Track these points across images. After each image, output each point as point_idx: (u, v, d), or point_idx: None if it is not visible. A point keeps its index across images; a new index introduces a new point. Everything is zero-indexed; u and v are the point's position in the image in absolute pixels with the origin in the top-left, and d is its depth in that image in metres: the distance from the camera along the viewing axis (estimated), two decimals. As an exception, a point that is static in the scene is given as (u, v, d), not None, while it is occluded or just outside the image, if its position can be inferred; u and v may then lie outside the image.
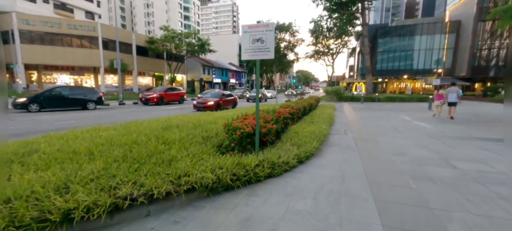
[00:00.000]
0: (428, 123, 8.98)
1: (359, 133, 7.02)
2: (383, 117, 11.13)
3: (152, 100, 18.23)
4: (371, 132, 7.23)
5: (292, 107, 7.92)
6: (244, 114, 5.77)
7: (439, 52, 38.03)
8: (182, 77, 47.31)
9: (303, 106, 9.33)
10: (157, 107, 16.88)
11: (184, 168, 2.86)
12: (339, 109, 15.26)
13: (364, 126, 8.35)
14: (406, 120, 9.86)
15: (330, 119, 9.17)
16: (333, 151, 4.93)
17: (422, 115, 11.97)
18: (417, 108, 16.26)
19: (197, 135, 4.49)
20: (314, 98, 14.72)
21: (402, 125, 8.49)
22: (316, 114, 10.09)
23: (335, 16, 31.11)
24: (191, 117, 6.93)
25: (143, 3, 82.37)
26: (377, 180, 3.38)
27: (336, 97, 25.10)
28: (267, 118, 5.14)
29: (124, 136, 4.09)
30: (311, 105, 11.38)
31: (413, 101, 23.16)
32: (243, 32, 3.77)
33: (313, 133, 5.75)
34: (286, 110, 7.22)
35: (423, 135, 6.73)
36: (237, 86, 62.48)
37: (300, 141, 4.98)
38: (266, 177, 3.33)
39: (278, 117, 5.91)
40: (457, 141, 5.95)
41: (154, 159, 3.06)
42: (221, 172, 2.88)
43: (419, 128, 7.86)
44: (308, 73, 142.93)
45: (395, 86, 43.13)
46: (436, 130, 7.57)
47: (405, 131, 7.29)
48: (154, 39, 35.15)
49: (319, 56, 48.99)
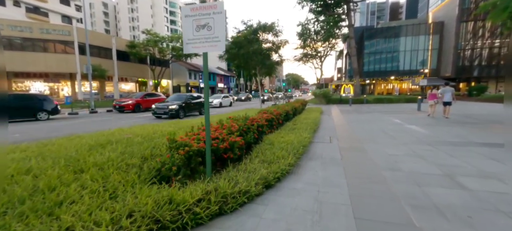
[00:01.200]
0: (420, 126, 8.27)
1: (346, 140, 6.15)
2: (372, 120, 10.40)
3: (127, 107, 16.83)
4: (359, 138, 6.38)
5: (271, 112, 7.00)
6: (217, 121, 4.79)
7: (424, 53, 38.47)
8: (167, 83, 45.79)
9: (285, 111, 8.44)
10: (132, 115, 15.54)
11: (69, 220, 1.82)
12: (327, 112, 14.52)
13: (352, 131, 7.52)
14: (397, 123, 9.14)
15: (315, 124, 8.31)
16: (313, 167, 4.00)
17: (413, 116, 11.35)
18: (406, 109, 15.77)
19: (135, 154, 3.44)
20: (300, 101, 13.91)
21: (393, 129, 7.72)
22: (301, 119, 9.23)
23: (322, 19, 30.78)
24: (147, 128, 5.86)
25: (127, 7, 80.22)
26: (367, 214, 2.46)
27: (325, 100, 24.51)
28: (233, 128, 4.17)
29: (20, 162, 2.99)
30: (295, 109, 10.52)
31: (402, 102, 22.86)
32: (184, 17, 2.79)
33: (291, 144, 4.82)
34: (263, 116, 6.29)
35: (417, 141, 5.94)
36: (225, 90, 61.43)
37: (273, 155, 4.03)
38: (212, 216, 2.35)
39: (250, 126, 4.95)
40: (456, 148, 5.18)
41: (30, 204, 2.01)
42: (129, 222, 1.87)
43: (412, 133, 7.10)
44: (297, 76, 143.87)
45: (383, 87, 43.30)
46: (431, 134, 6.83)
47: (397, 137, 6.50)
48: (135, 43, 33.65)
49: (307, 59, 48.69)
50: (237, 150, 3.68)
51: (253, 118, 5.58)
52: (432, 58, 38.01)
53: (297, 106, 11.09)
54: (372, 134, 6.94)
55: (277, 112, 7.30)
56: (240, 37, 14.14)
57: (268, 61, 14.81)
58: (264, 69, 15.49)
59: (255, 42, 13.68)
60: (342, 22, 29.80)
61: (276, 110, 7.64)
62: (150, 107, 18.36)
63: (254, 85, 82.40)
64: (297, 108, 10.94)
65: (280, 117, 7.50)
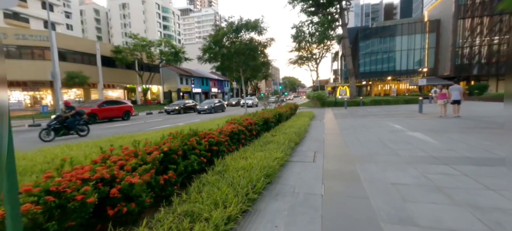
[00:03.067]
0: (426, 134, 6.83)
1: (334, 159, 4.68)
2: (369, 126, 8.96)
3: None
4: (352, 154, 4.91)
5: (240, 122, 5.52)
6: (145, 140, 3.32)
7: (421, 52, 37.38)
8: (158, 88, 44.29)
9: (263, 119, 6.96)
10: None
11: None
12: (319, 117, 13.09)
13: (344, 143, 6.05)
14: (398, 130, 7.69)
15: (300, 134, 6.85)
16: (273, 218, 2.51)
17: (415, 120, 9.92)
18: (405, 111, 14.38)
19: None
20: (289, 106, 12.46)
21: (394, 139, 6.27)
22: (284, 127, 7.76)
23: (316, 21, 29.84)
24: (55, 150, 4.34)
25: (119, 13, 78.97)
26: None
27: (319, 103, 23.13)
28: (152, 156, 2.67)
29: None
30: (279, 116, 9.05)
31: (400, 103, 21.53)
32: None
33: (253, 170, 3.32)
34: (228, 128, 4.82)
35: (428, 157, 4.48)
36: (220, 95, 60.03)
37: (212, 198, 2.54)
38: None
39: (196, 145, 3.47)
40: (485, 169, 3.71)
41: None
42: None
43: (418, 144, 5.65)
44: (294, 80, 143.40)
45: (379, 89, 42.10)
46: (442, 146, 5.38)
47: (400, 151, 5.03)
48: (120, 49, 32.17)
49: (303, 62, 47.54)
50: (137, 198, 2.17)
51: (207, 132, 4.09)
52: (429, 57, 36.91)
53: (282, 111, 9.62)
54: (368, 148, 5.48)
55: (248, 121, 5.81)
56: (219, 35, 12.67)
57: (253, 62, 13.33)
58: (249, 71, 14.00)
59: (236, 41, 12.24)
60: (336, 22, 28.68)
61: (249, 118, 6.16)
62: (110, 116, 16.23)
63: (250, 89, 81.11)
64: (282, 114, 9.48)
65: (254, 128, 6.02)
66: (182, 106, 23.27)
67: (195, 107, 24.52)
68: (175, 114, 22.22)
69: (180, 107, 22.92)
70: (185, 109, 23.60)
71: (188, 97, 45.72)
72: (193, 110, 24.32)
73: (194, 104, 25.30)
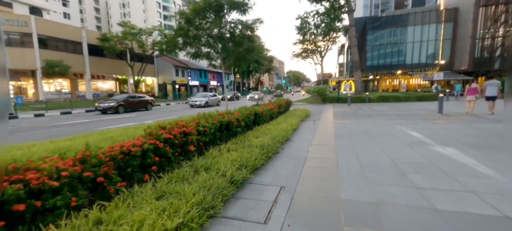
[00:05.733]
0: (467, 152, 4.42)
1: (309, 216, 2.40)
2: (375, 133, 6.59)
3: None
4: (345, 206, 2.62)
5: (169, 131, 3.25)
6: None
7: (435, 44, 34.08)
8: (152, 80, 42.29)
9: (227, 122, 4.69)
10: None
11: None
12: (315, 116, 10.74)
13: (334, 171, 3.74)
14: (419, 142, 5.30)
15: (271, 149, 4.58)
16: None
17: (439, 127, 7.48)
18: (420, 110, 11.85)
19: None
20: (276, 103, 10.11)
21: (417, 162, 3.91)
22: (259, 132, 5.50)
23: (322, 12, 27.36)
24: None
25: (118, 3, 76.81)
26: None
27: (320, 98, 20.65)
28: None
29: None
30: (255, 116, 6.75)
31: (412, 101, 18.84)
32: None
33: None
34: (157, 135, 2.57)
35: (498, 216, 2.14)
36: (220, 88, 57.82)
37: None
38: None
39: None
40: None
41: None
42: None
43: (461, 173, 3.29)
44: (299, 74, 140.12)
45: (388, 83, 39.09)
46: (508, 179, 3.01)
47: (432, 193, 2.70)
48: (108, 36, 30.01)
49: (307, 55, 44.62)
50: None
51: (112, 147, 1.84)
52: (444, 50, 33.63)
53: (261, 110, 7.29)
54: (374, 182, 3.15)
55: (176, 132, 3.51)
56: (190, 11, 10.09)
57: (234, 48, 10.82)
58: (231, 59, 11.43)
59: (214, 19, 9.78)
60: (343, 9, 25.90)
61: (188, 125, 3.88)
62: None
63: (253, 83, 78.40)
64: (260, 114, 7.17)
65: (207, 135, 3.74)
66: (122, 101, 16.19)
67: (151, 102, 19.23)
68: (111, 114, 15.45)
69: (118, 103, 15.75)
70: (133, 106, 17.21)
71: (184, 90, 43.60)
72: (145, 108, 18.41)
73: (151, 100, 19.47)
